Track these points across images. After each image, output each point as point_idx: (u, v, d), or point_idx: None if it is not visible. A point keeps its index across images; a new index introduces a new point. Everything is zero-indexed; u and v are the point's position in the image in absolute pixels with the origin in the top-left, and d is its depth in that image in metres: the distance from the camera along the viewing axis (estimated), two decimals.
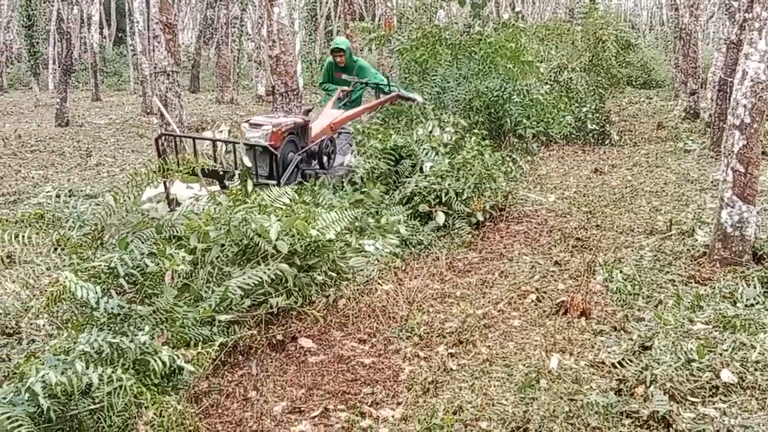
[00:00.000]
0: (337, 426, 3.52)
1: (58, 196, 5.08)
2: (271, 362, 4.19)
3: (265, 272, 4.23)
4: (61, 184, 8.16)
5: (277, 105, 12.01)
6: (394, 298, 5.07)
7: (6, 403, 3.01)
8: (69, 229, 4.67)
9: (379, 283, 5.25)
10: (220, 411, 3.67)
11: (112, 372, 3.20)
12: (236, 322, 4.23)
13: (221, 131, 7.04)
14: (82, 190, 8.57)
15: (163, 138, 6.98)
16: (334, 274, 4.88)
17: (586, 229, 6.89)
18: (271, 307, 4.36)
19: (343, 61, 9.51)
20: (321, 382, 3.98)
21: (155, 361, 3.39)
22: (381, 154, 7.12)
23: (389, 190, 6.88)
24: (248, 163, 6.16)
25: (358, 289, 5.05)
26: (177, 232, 4.54)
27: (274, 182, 6.24)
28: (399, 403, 3.74)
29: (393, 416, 3.61)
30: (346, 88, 9.25)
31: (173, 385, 3.61)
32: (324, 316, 4.67)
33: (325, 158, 7.33)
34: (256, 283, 4.22)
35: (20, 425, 2.91)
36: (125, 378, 3.20)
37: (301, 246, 4.59)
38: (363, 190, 6.66)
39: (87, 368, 3.15)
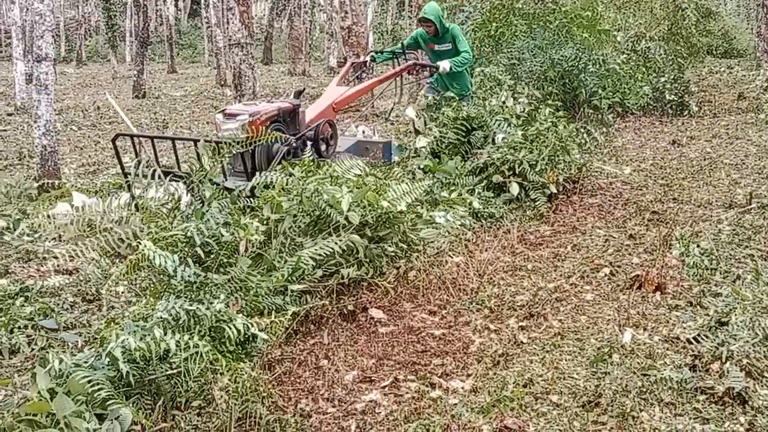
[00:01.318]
0: (407, 396, 3.54)
1: (136, 167, 5.18)
2: (342, 332, 4.23)
3: (336, 243, 4.26)
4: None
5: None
6: (465, 271, 5.06)
7: (87, 366, 3.12)
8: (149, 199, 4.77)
9: (449, 255, 5.25)
10: (292, 378, 3.73)
11: (189, 338, 3.28)
12: (308, 292, 4.27)
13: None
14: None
15: (124, 139, 6.29)
16: (404, 246, 4.88)
17: (663, 203, 6.75)
18: (343, 278, 4.39)
19: (432, 32, 8.19)
20: (391, 353, 4.01)
21: (230, 328, 3.45)
22: (453, 123, 7.08)
23: (461, 161, 6.84)
24: (207, 164, 5.01)
25: (428, 261, 5.05)
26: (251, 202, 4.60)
27: (245, 182, 5.16)
28: (469, 375, 3.74)
29: (463, 388, 3.62)
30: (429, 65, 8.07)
31: (247, 353, 3.67)
32: (394, 288, 4.69)
33: (322, 145, 6.39)
34: (328, 254, 4.24)
35: (101, 388, 3.01)
36: (201, 344, 3.27)
37: (372, 217, 4.60)
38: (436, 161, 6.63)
39: (165, 334, 3.23)
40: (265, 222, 4.37)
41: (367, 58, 8.42)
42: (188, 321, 3.48)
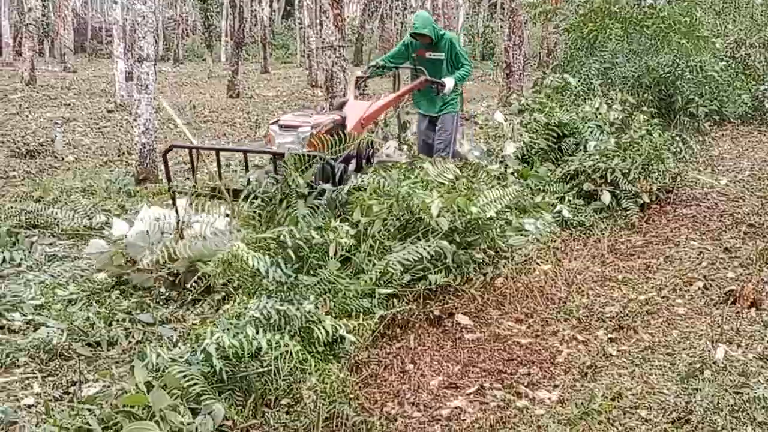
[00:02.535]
0: (492, 404, 3.54)
1: (227, 165, 5.26)
2: (428, 337, 4.24)
3: (425, 249, 4.28)
4: (232, 155, 8.52)
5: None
6: (553, 279, 5.02)
7: (183, 362, 3.22)
8: (243, 200, 4.88)
9: (537, 263, 5.21)
10: (378, 381, 3.76)
11: (280, 338, 3.36)
12: (395, 296, 4.30)
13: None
14: (251, 161, 8.92)
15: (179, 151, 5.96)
16: (492, 252, 4.88)
17: (760, 215, 6.55)
18: (430, 284, 4.41)
19: (427, 42, 7.38)
20: (477, 360, 4.01)
21: (319, 329, 3.52)
22: (544, 129, 7.02)
23: (551, 168, 6.78)
24: (301, 181, 4.78)
25: (516, 268, 5.03)
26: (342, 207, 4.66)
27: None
28: (556, 386, 3.72)
29: (549, 398, 3.59)
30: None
31: (335, 354, 3.73)
32: (481, 294, 4.69)
33: (363, 163, 6.08)
34: (416, 259, 4.27)
35: (195, 384, 3.10)
36: (291, 344, 3.35)
37: (461, 223, 4.61)
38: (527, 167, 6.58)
39: (257, 333, 3.31)
40: (354, 225, 4.42)
41: (367, 74, 7.76)
42: (279, 321, 3.55)
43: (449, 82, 7.23)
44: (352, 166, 5.99)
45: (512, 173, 6.58)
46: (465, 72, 7.34)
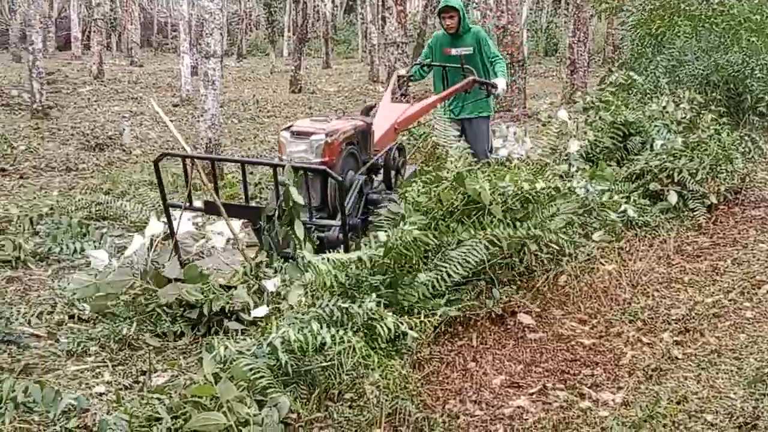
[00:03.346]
0: (555, 405, 3.53)
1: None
2: (490, 335, 4.24)
3: (484, 247, 4.24)
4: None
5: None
6: (617, 280, 4.96)
7: (249, 355, 3.27)
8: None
9: (601, 263, 5.16)
10: (440, 378, 3.78)
11: (343, 333, 3.39)
12: (456, 290, 4.30)
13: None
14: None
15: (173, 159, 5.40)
16: (555, 248, 4.82)
17: None
18: (491, 280, 4.41)
19: (454, 25, 6.85)
20: (539, 360, 3.99)
21: (381, 326, 3.55)
22: (609, 128, 6.93)
23: (616, 167, 6.69)
24: (298, 198, 4.34)
25: (579, 267, 4.99)
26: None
27: (332, 224, 4.65)
28: (620, 388, 3.68)
29: (613, 400, 3.56)
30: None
31: (397, 350, 3.75)
32: (543, 294, 4.66)
33: (392, 175, 5.45)
34: (476, 261, 4.22)
35: (262, 376, 3.16)
36: (354, 340, 3.38)
37: (520, 204, 4.54)
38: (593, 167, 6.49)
39: (321, 328, 3.35)
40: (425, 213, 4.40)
41: (410, 73, 7.29)
42: (342, 317, 3.60)
43: (501, 82, 6.77)
44: (379, 177, 5.50)
45: (575, 171, 6.52)
46: (504, 67, 6.91)
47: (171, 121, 12.89)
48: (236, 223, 4.81)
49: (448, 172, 4.60)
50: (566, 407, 3.50)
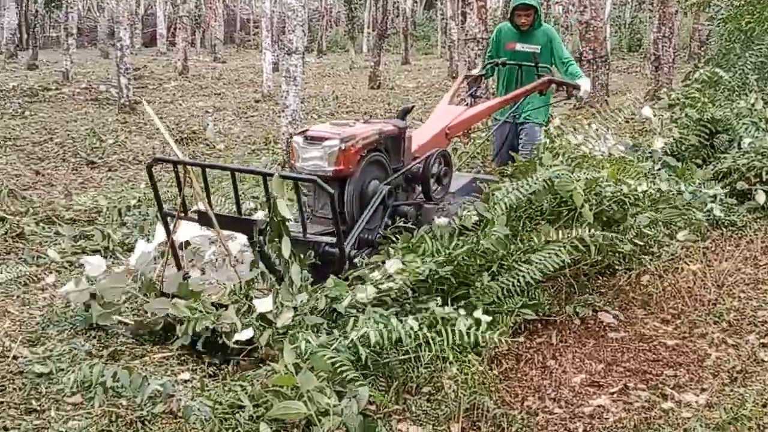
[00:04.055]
0: (636, 405, 3.48)
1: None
2: (570, 333, 4.20)
3: (566, 250, 4.18)
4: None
5: (584, 72, 11.83)
6: (702, 280, 4.85)
7: (332, 349, 3.32)
8: None
9: (686, 263, 5.06)
10: (519, 375, 3.76)
11: (419, 329, 3.41)
12: (536, 288, 4.27)
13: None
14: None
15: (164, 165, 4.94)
16: (640, 244, 4.73)
17: None
18: (571, 276, 4.37)
19: (529, 23, 6.42)
20: (620, 359, 3.94)
21: (458, 322, 3.56)
22: (695, 125, 6.78)
23: (701, 166, 6.53)
24: (286, 211, 3.88)
25: (663, 267, 4.90)
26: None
27: (325, 240, 4.21)
28: (704, 390, 3.61)
29: (697, 402, 3.49)
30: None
31: (475, 345, 3.74)
32: (626, 292, 4.60)
33: (433, 184, 4.97)
34: (557, 265, 4.15)
35: (342, 367, 3.20)
36: (429, 335, 3.40)
37: (607, 205, 4.47)
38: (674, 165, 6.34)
39: (399, 325, 3.38)
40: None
41: (483, 72, 6.75)
42: (418, 314, 3.63)
43: (585, 82, 6.29)
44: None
45: (659, 169, 6.39)
46: (578, 68, 6.45)
47: (252, 116, 13.13)
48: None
49: (539, 172, 4.50)
50: (648, 407, 3.45)
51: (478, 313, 3.64)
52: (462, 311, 3.61)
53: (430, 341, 3.40)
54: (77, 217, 6.39)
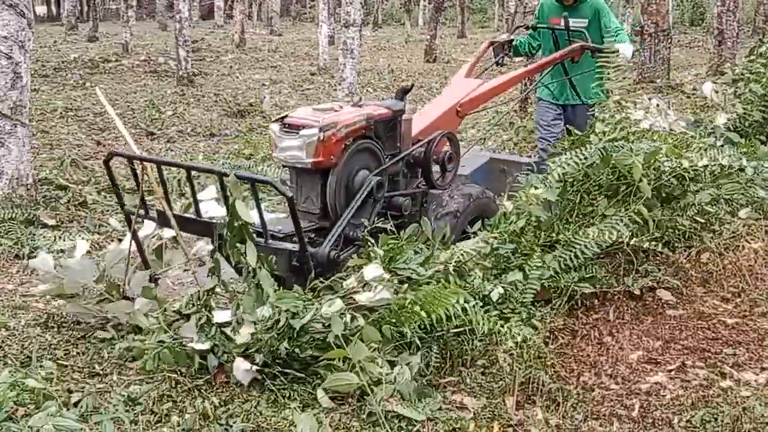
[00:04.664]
0: (694, 382, 3.44)
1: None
2: (627, 310, 4.15)
3: (625, 224, 4.13)
4: None
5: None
6: (763, 258, 4.74)
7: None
8: None
9: (747, 241, 4.95)
10: (574, 351, 3.74)
11: (474, 303, 3.42)
12: (593, 264, 4.24)
13: None
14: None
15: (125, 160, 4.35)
16: (701, 221, 4.65)
17: None
18: (630, 255, 4.32)
19: None
20: (678, 337, 3.89)
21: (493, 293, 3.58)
22: (760, 101, 6.61)
23: (765, 142, 6.38)
24: (247, 214, 3.50)
25: (723, 244, 4.81)
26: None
27: (287, 247, 3.77)
28: (763, 369, 3.55)
29: (756, 380, 3.44)
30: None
31: (530, 319, 3.73)
32: (686, 270, 4.53)
33: (437, 170, 4.60)
34: (612, 240, 4.10)
35: (394, 336, 3.24)
36: (481, 313, 3.41)
37: (667, 180, 4.40)
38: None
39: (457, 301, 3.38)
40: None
41: (512, 37, 6.28)
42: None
43: (625, 47, 5.71)
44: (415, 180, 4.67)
45: (721, 146, 6.26)
46: (627, 37, 6.01)
47: (308, 89, 13.18)
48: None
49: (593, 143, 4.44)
50: (706, 386, 3.41)
51: (513, 276, 3.66)
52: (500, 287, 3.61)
53: (481, 318, 3.40)
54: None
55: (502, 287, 3.64)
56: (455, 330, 3.52)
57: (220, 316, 3.39)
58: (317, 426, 2.94)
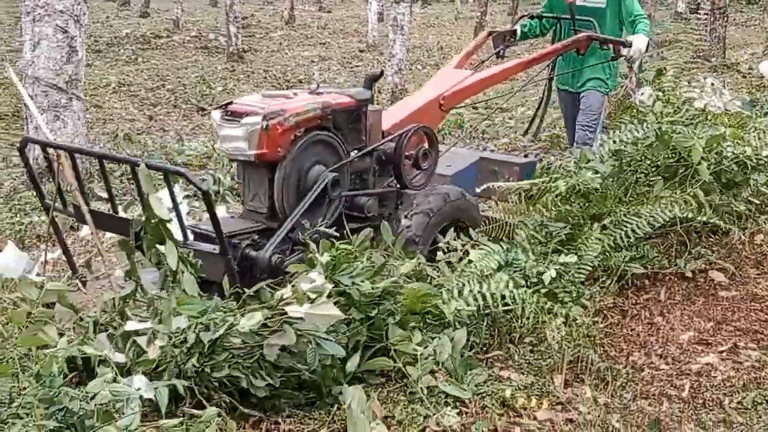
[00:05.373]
0: (746, 364, 3.40)
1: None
2: (679, 291, 4.11)
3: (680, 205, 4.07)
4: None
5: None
6: None
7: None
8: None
9: None
10: (624, 331, 3.72)
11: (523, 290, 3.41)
12: (645, 245, 4.19)
13: None
14: (496, 103, 8.88)
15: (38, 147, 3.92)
16: (756, 203, 4.58)
17: None
18: (682, 236, 4.26)
19: None
20: (731, 318, 3.84)
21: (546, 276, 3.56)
22: None
23: None
24: (162, 210, 3.13)
25: None
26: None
27: (208, 249, 3.32)
28: None
29: None
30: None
31: (579, 297, 3.71)
32: (739, 251, 4.46)
33: (407, 167, 4.12)
34: (667, 220, 4.05)
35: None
36: (527, 294, 3.39)
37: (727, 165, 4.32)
38: None
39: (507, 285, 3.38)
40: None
41: (516, 27, 5.68)
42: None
43: (639, 39, 5.23)
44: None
45: None
46: (647, 27, 5.48)
47: (357, 66, 13.17)
48: None
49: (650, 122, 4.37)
50: (758, 367, 3.37)
51: (564, 258, 3.63)
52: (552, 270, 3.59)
53: (528, 297, 3.39)
54: (189, 161, 6.61)
55: (555, 270, 3.60)
56: (504, 308, 3.51)
57: (132, 326, 2.89)
58: (365, 399, 2.95)
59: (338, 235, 3.51)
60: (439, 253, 3.81)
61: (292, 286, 2.98)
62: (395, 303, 3.19)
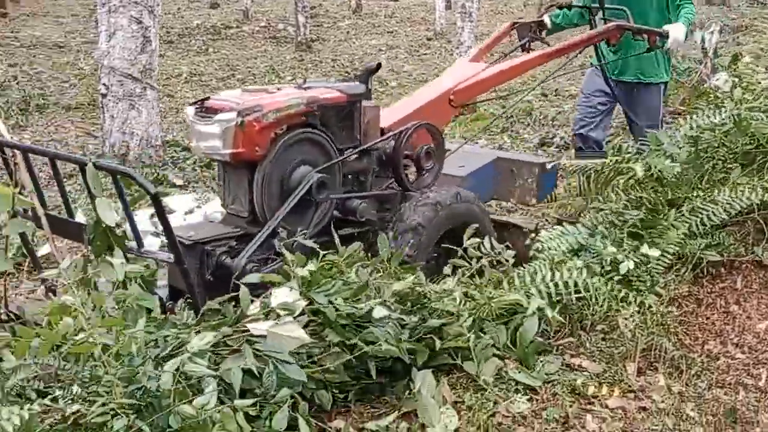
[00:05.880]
0: None
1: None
2: (756, 279, 4.00)
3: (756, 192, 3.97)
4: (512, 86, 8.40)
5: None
6: None
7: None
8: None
9: None
10: (699, 319, 3.65)
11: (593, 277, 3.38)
12: (721, 232, 4.10)
13: None
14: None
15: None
16: None
17: None
18: (760, 224, 4.15)
19: None
20: None
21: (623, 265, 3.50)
22: None
23: None
24: (109, 215, 2.78)
25: None
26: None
27: (160, 256, 3.05)
28: None
29: None
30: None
31: (652, 285, 3.65)
32: None
33: (409, 168, 3.86)
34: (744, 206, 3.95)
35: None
36: (601, 283, 3.36)
37: None
38: None
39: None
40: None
41: (545, 18, 5.21)
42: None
43: (677, 29, 4.83)
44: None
45: None
46: (692, 13, 5.07)
47: (425, 54, 13.15)
48: None
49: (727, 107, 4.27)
50: None
51: (645, 249, 3.56)
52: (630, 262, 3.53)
53: (601, 286, 3.35)
54: None
55: (633, 261, 3.54)
56: (576, 295, 3.48)
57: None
58: (435, 384, 2.96)
59: (317, 246, 3.07)
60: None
61: (261, 300, 2.69)
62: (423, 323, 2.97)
